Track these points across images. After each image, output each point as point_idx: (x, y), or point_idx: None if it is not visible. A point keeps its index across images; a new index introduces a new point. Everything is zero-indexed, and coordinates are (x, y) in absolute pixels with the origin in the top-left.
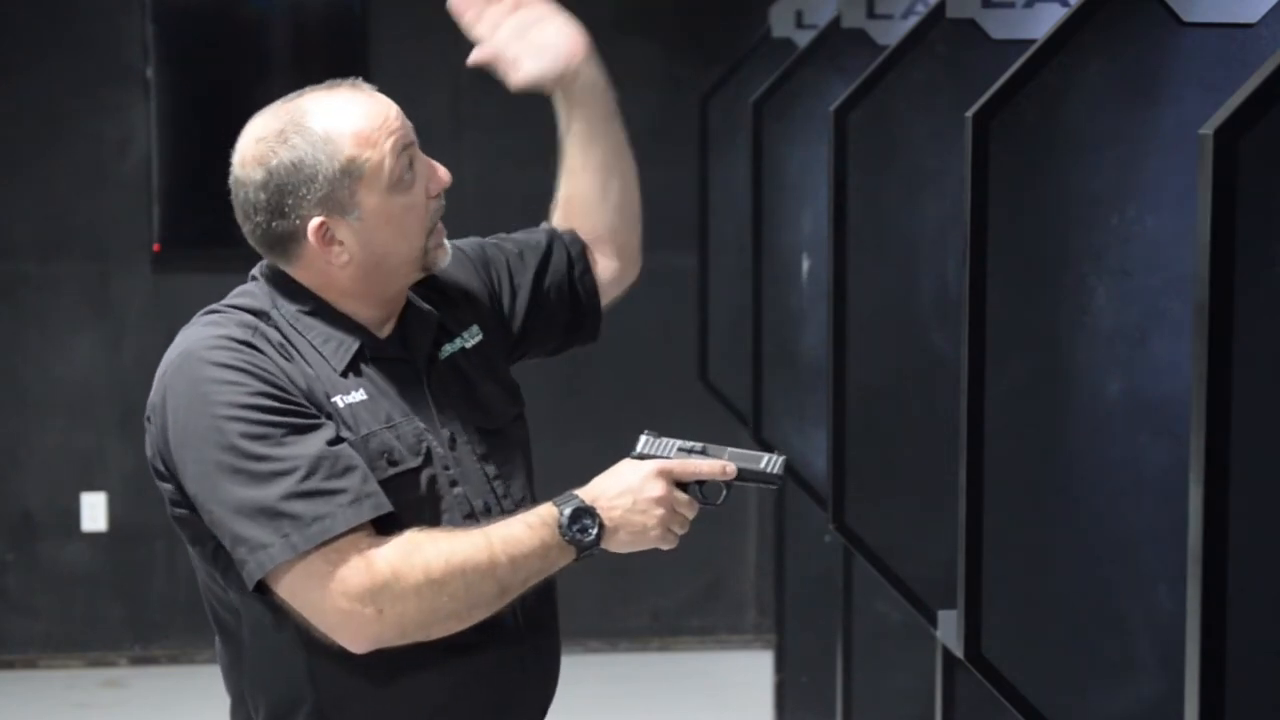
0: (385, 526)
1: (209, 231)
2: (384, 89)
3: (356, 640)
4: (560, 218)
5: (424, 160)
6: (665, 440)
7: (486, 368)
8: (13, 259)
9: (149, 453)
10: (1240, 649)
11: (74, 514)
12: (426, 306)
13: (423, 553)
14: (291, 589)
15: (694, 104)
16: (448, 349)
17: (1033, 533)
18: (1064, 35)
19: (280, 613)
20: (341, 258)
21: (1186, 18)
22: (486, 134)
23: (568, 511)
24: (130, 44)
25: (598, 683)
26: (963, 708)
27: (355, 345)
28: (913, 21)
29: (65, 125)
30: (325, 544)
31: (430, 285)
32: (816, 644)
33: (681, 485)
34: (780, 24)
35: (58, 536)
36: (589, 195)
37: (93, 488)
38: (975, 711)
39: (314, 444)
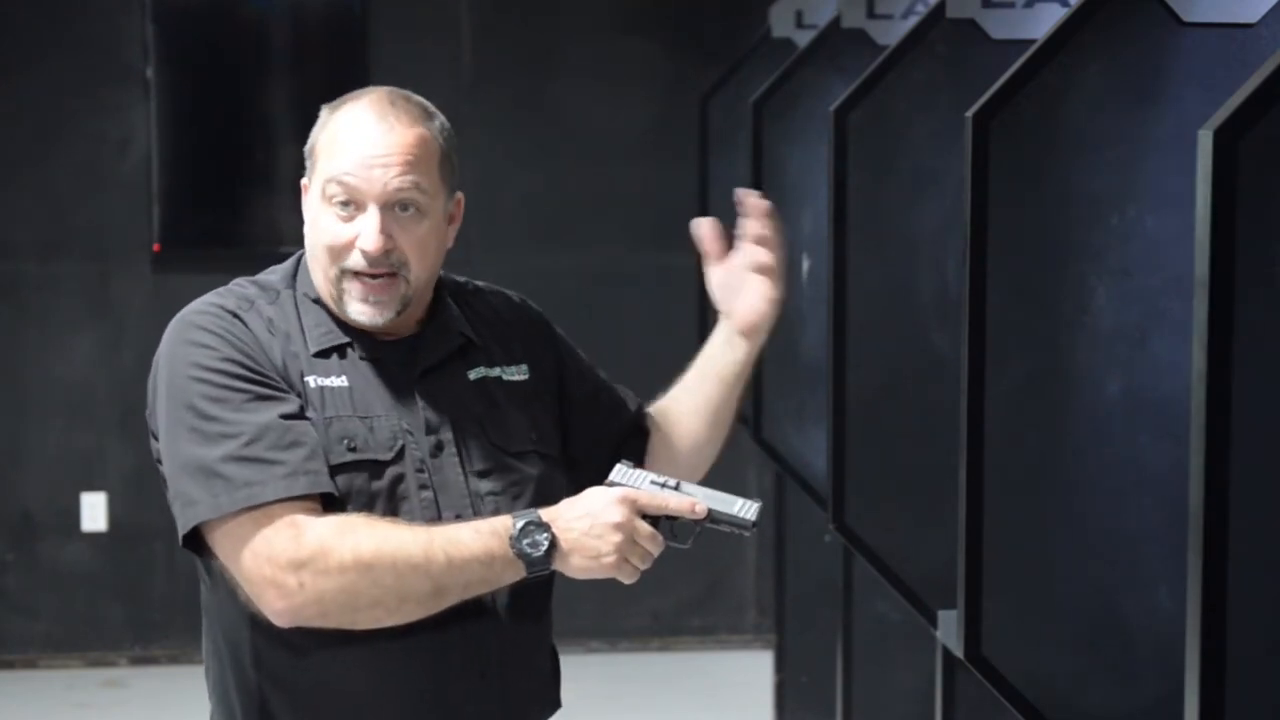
0: (331, 512)
1: (209, 231)
2: None
3: (277, 610)
4: (655, 413)
5: (373, 219)
6: (639, 472)
7: (522, 402)
8: (13, 259)
9: (147, 410)
10: (1240, 649)
11: (74, 514)
12: (462, 331)
13: (356, 535)
14: (223, 549)
15: (694, 104)
16: (480, 372)
17: (1033, 533)
18: (1064, 35)
19: (229, 585)
20: (306, 219)
21: (1186, 18)
22: (486, 134)
23: (519, 524)
24: (130, 44)
25: (598, 683)
26: (963, 708)
27: (342, 340)
28: (913, 21)
29: (65, 125)
30: (255, 509)
31: (495, 320)
32: (816, 644)
33: (652, 520)
34: (780, 24)
35: (58, 536)
36: (684, 440)
37: (93, 488)
38: (975, 711)
39: (268, 414)
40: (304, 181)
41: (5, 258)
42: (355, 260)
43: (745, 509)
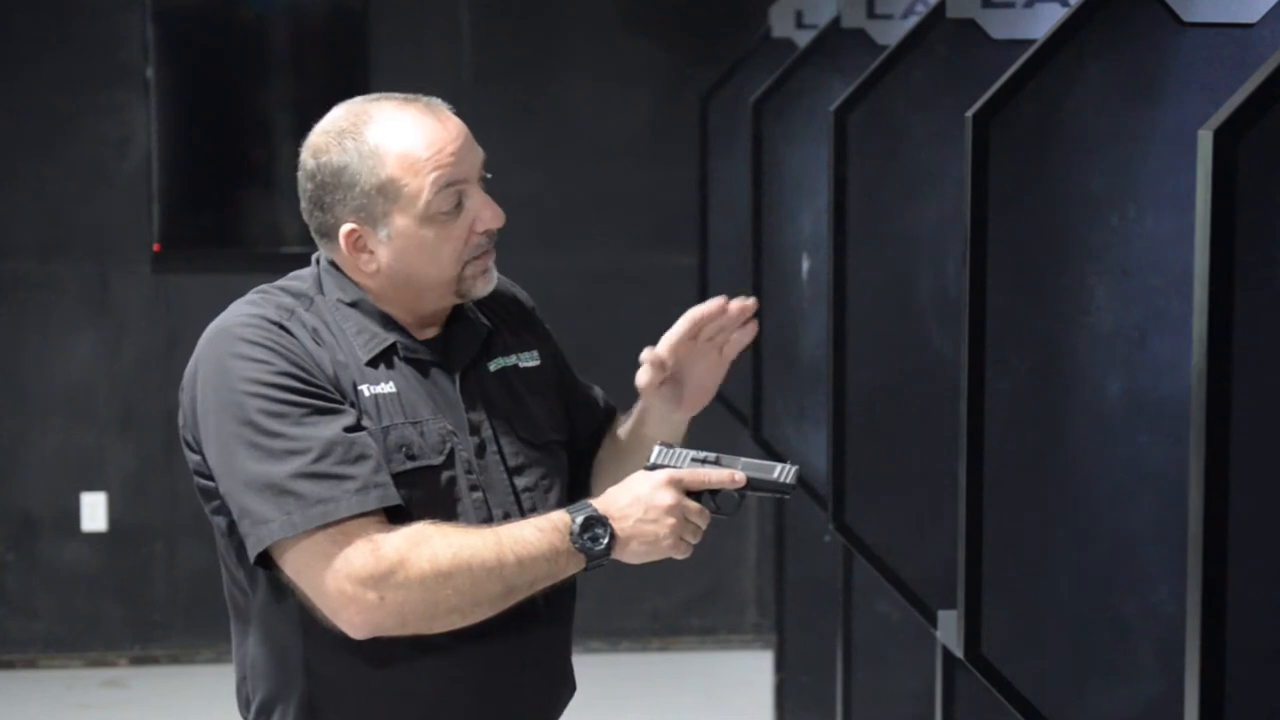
0: (395, 520)
1: (209, 231)
2: (383, 89)
3: (355, 624)
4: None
5: (479, 196)
6: (678, 450)
7: (539, 389)
8: (13, 259)
9: (180, 423)
10: (1240, 649)
11: (74, 514)
12: (482, 320)
13: (431, 544)
14: (296, 567)
15: (694, 103)
16: (500, 362)
17: (1033, 533)
18: (1064, 35)
19: (284, 597)
20: (370, 266)
21: (1186, 18)
22: (487, 133)
23: (580, 519)
24: (130, 44)
25: (598, 683)
26: (963, 708)
27: (388, 341)
28: (913, 21)
29: (65, 125)
30: (330, 526)
31: (496, 305)
32: (816, 644)
33: (694, 495)
34: (780, 24)
35: (58, 536)
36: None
37: (93, 488)
38: (975, 711)
39: (331, 428)
40: (350, 228)
41: (5, 258)
42: (477, 245)
43: (784, 473)
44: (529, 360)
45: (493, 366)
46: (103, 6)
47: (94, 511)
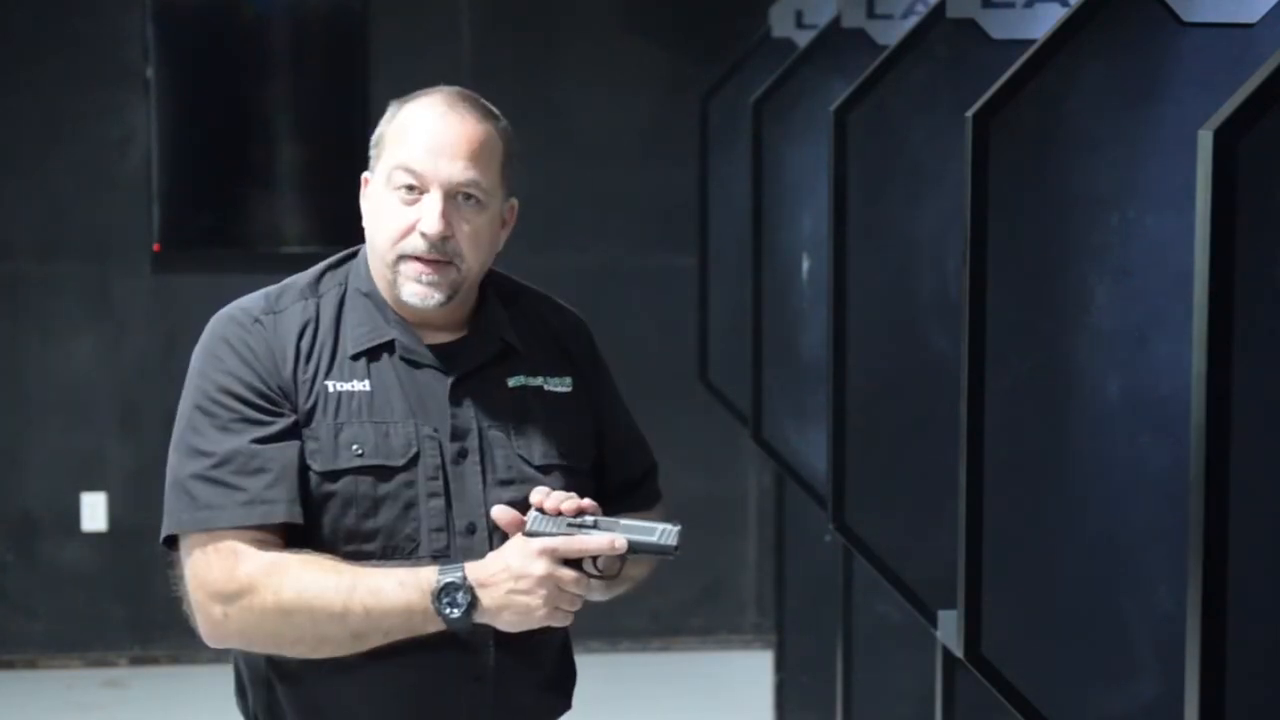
0: (308, 529)
1: (209, 231)
2: (384, 89)
3: (204, 633)
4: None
5: (436, 203)
6: (554, 517)
7: (564, 416)
8: (13, 259)
9: None
10: (1240, 649)
11: (74, 514)
12: (504, 336)
13: (283, 577)
14: (183, 560)
15: (694, 103)
16: (520, 380)
17: (1033, 533)
18: (1064, 35)
19: None
20: (364, 215)
21: (1186, 18)
22: None
23: (441, 583)
24: (130, 44)
25: (598, 683)
26: (963, 708)
27: (386, 337)
28: (913, 21)
29: (65, 125)
30: (209, 531)
31: (544, 330)
32: (816, 644)
33: (576, 562)
34: (780, 24)
35: (58, 536)
36: None
37: (93, 488)
38: (975, 711)
39: (241, 438)
40: (365, 175)
41: (5, 258)
42: (414, 243)
43: (664, 535)
44: (557, 385)
45: (511, 383)
46: (103, 6)
47: (94, 511)
